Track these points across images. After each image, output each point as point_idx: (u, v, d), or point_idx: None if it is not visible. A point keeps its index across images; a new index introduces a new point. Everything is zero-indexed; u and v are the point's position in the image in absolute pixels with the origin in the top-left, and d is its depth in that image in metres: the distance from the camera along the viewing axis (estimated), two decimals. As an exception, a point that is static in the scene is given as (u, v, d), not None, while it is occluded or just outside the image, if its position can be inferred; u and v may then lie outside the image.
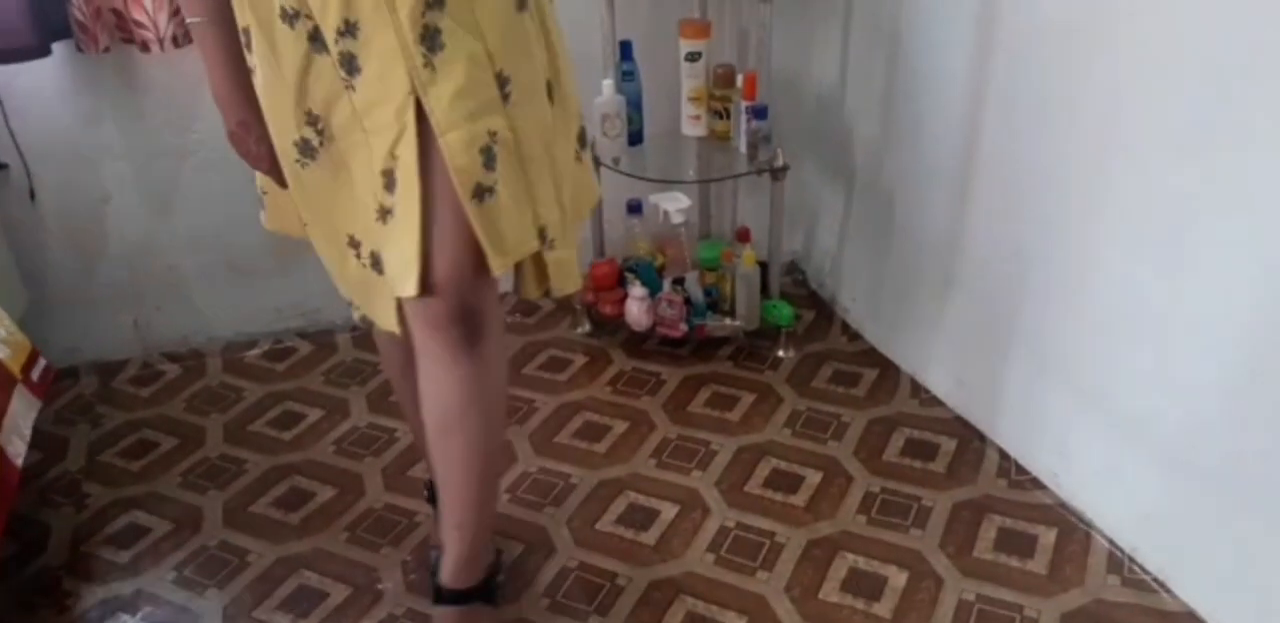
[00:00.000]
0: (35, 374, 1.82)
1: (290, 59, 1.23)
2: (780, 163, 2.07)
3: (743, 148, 2.12)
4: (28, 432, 1.73)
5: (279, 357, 2.35)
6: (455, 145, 1.21)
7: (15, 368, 1.75)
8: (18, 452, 1.67)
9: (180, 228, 2.26)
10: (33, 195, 2.16)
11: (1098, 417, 1.63)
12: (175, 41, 1.97)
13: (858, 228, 2.25)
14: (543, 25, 1.30)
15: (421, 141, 1.21)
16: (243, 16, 1.25)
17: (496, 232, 1.25)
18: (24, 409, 1.74)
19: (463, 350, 1.32)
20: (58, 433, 2.11)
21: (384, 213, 1.27)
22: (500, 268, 1.27)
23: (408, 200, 1.23)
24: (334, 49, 1.20)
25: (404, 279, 1.25)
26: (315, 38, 1.21)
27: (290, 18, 1.21)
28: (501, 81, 1.23)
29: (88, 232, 2.22)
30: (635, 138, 2.21)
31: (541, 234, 1.32)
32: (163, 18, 1.94)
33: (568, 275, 1.38)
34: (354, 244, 1.34)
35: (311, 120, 1.27)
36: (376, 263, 1.32)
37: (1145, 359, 1.52)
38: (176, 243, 2.28)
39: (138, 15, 1.95)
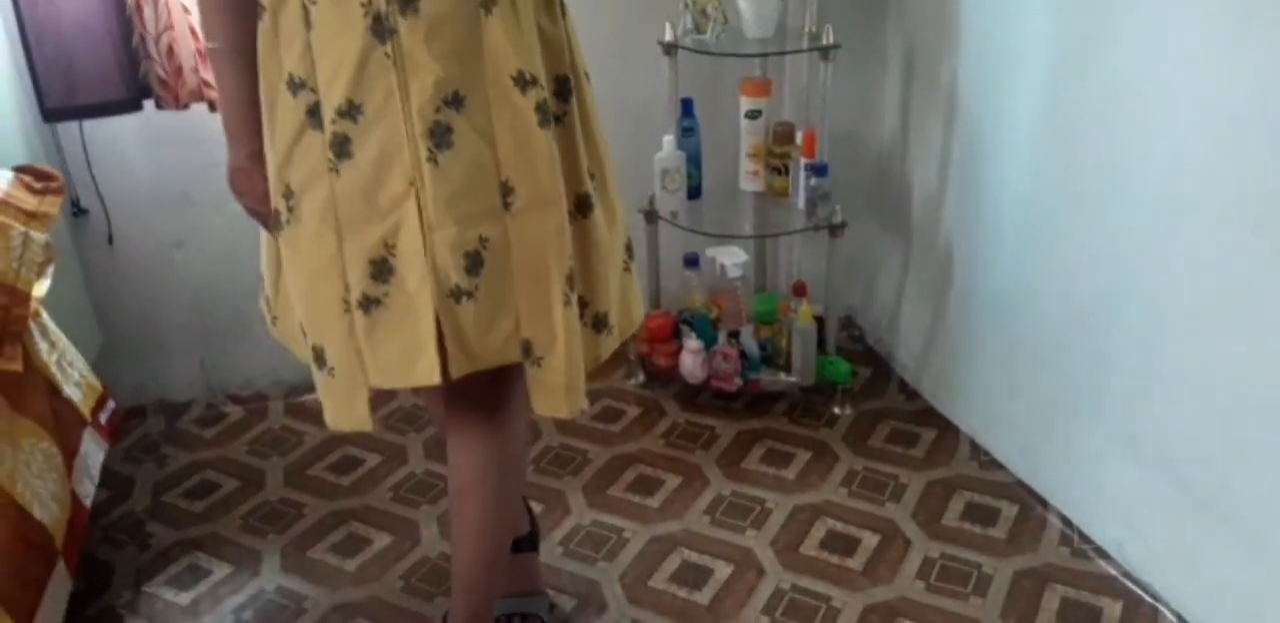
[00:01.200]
0: (104, 417, 1.87)
1: (283, 128, 1.21)
2: (839, 220, 2.07)
3: (801, 204, 2.13)
4: (96, 473, 1.78)
5: (339, 401, 2.39)
6: (440, 245, 1.18)
7: (86, 410, 1.81)
8: (87, 493, 1.72)
9: (248, 273, 2.30)
10: (110, 240, 2.23)
11: (1167, 487, 1.60)
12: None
13: (916, 285, 2.24)
14: (581, 139, 1.28)
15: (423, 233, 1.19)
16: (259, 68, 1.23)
17: (464, 336, 1.21)
18: (94, 451, 1.79)
19: (482, 418, 1.34)
20: (125, 472, 2.16)
21: (368, 303, 1.22)
22: (458, 372, 1.23)
23: (415, 289, 1.20)
24: (329, 128, 1.17)
25: (410, 367, 1.23)
26: (314, 112, 1.18)
27: (295, 86, 1.18)
28: (505, 190, 1.20)
29: (160, 275, 2.29)
30: (694, 192, 2.23)
31: (527, 349, 1.26)
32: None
33: (551, 397, 1.29)
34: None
35: (287, 194, 1.24)
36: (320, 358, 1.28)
37: (1216, 430, 1.49)
38: (244, 287, 2.33)
39: (206, 75, 2.02)
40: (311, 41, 1.15)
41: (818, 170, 2.06)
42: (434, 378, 1.21)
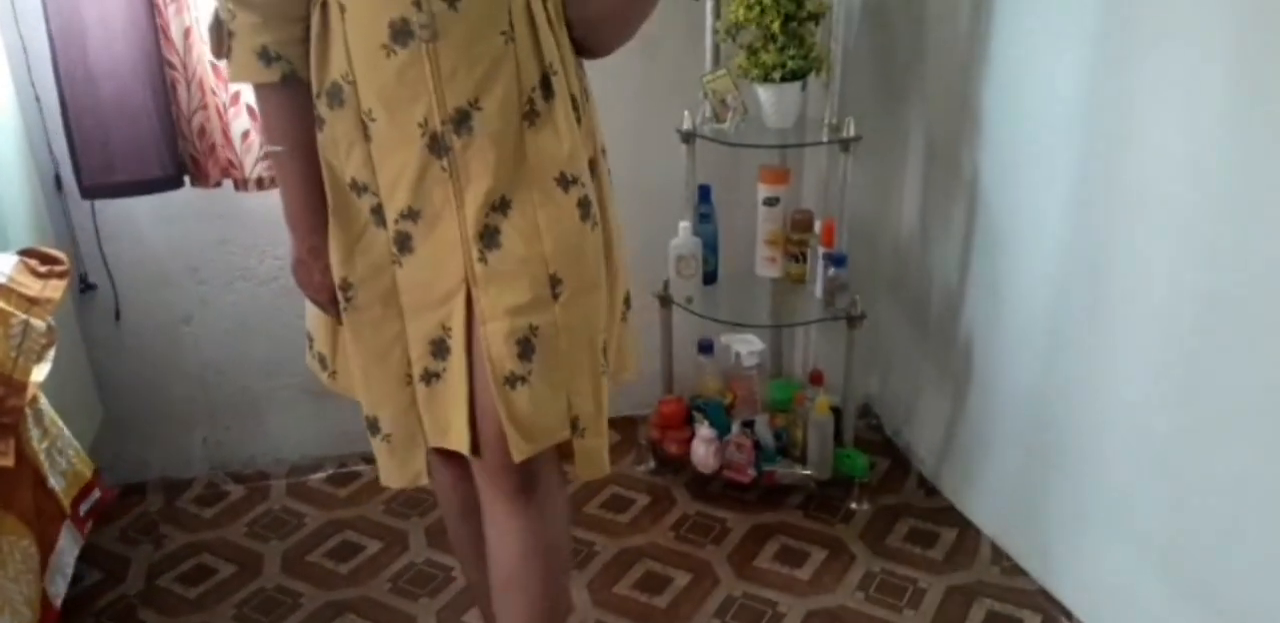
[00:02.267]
0: (85, 507, 1.81)
1: (348, 224, 1.28)
2: (858, 311, 2.03)
3: (819, 293, 2.09)
4: (70, 570, 1.71)
5: (343, 481, 2.34)
6: (494, 336, 1.26)
7: (67, 501, 1.75)
8: (58, 592, 1.66)
9: (256, 350, 2.29)
10: (118, 315, 2.21)
11: (1201, 609, 1.52)
12: (260, 184, 2.03)
13: (935, 378, 2.18)
14: (604, 224, 1.34)
15: (469, 322, 1.27)
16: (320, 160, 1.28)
17: (521, 418, 1.27)
18: (70, 546, 1.73)
19: (518, 501, 1.34)
20: (120, 553, 2.11)
21: (428, 376, 1.31)
22: (520, 454, 1.28)
23: (457, 370, 1.28)
24: (393, 227, 1.26)
25: (448, 435, 1.32)
26: (377, 211, 1.26)
27: (359, 189, 1.26)
28: (554, 282, 1.27)
29: (167, 351, 2.26)
30: (710, 277, 2.20)
31: (574, 423, 1.33)
32: (250, 160, 2.00)
33: (593, 463, 1.37)
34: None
35: (344, 285, 1.31)
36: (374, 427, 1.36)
37: (1253, 551, 1.42)
38: (251, 365, 2.31)
39: (229, 155, 2.01)
40: (371, 152, 1.23)
41: (836, 261, 2.02)
42: (464, 445, 1.30)
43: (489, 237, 1.23)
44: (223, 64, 1.29)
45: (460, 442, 1.30)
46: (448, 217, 1.23)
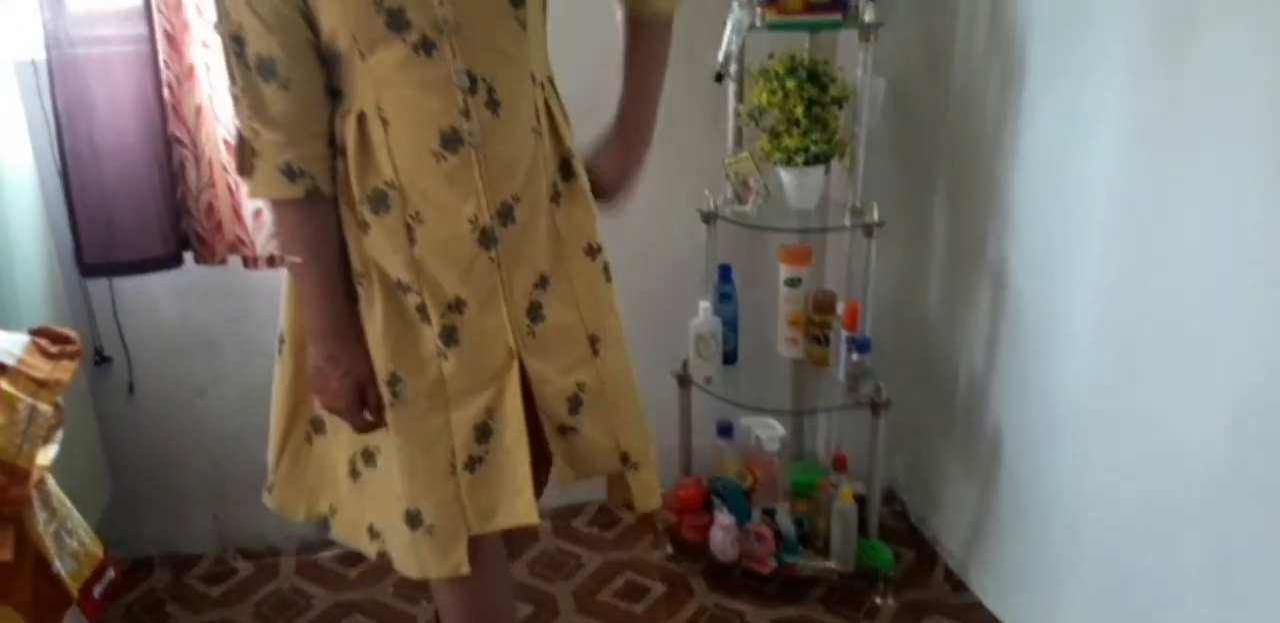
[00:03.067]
0: (99, 589, 1.77)
1: (389, 324, 1.31)
2: (883, 398, 1.97)
3: (841, 377, 2.04)
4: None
5: (352, 561, 2.28)
6: (548, 397, 1.39)
7: (76, 585, 1.71)
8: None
9: (268, 424, 2.25)
10: (131, 389, 2.19)
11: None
12: (271, 262, 2.02)
13: (962, 465, 2.11)
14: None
15: (525, 391, 1.36)
16: (356, 263, 1.31)
17: (574, 457, 1.44)
18: (73, 633, 1.69)
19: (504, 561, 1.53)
20: (123, 635, 2.06)
21: (473, 463, 1.36)
22: (565, 482, 1.46)
23: (512, 443, 1.36)
24: (438, 322, 1.31)
25: (511, 510, 1.37)
26: (421, 309, 1.31)
27: (402, 289, 1.30)
28: (593, 340, 1.42)
29: (180, 425, 2.24)
30: (730, 357, 2.15)
31: (625, 458, 1.47)
32: (261, 238, 1.99)
33: (649, 494, 1.51)
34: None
35: (392, 380, 1.33)
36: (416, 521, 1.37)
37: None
38: (263, 439, 2.22)
39: (239, 232, 2.00)
40: (415, 253, 1.28)
41: (860, 346, 1.97)
42: (533, 517, 1.37)
43: (534, 311, 1.35)
44: (245, 181, 1.29)
45: (527, 510, 1.36)
46: (494, 303, 1.32)
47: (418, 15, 1.19)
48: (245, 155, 1.24)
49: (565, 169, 1.36)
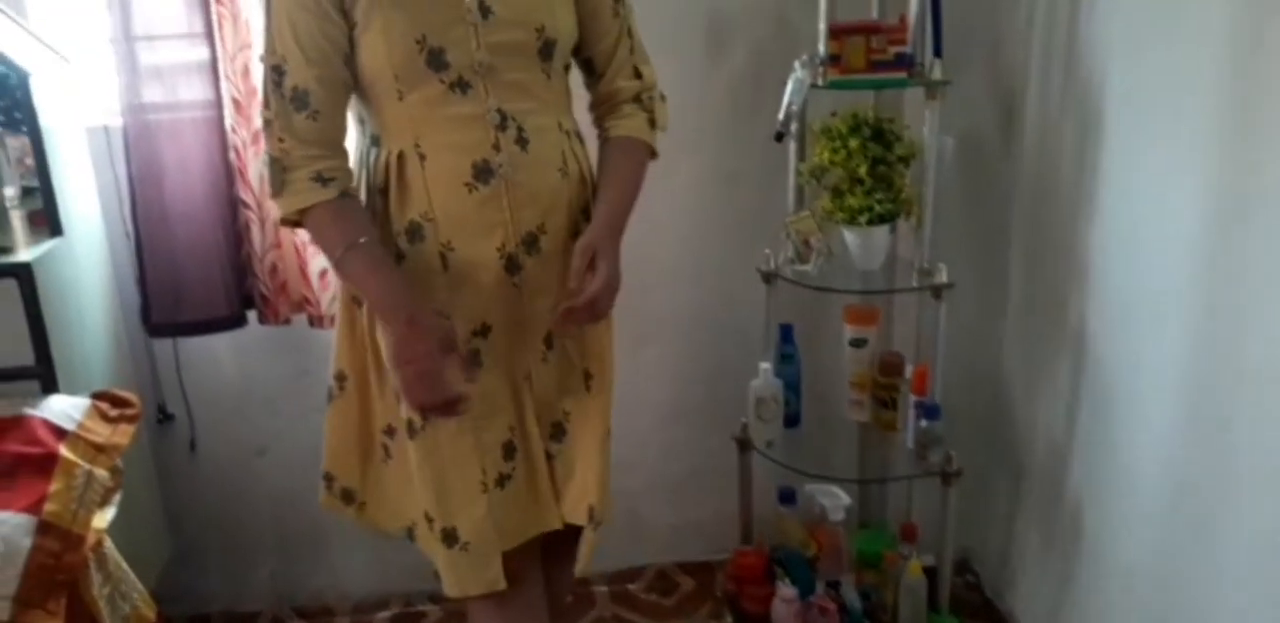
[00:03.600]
0: (150, 654, 1.77)
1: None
2: (954, 468, 1.88)
3: (910, 443, 1.95)
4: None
5: (408, 621, 2.25)
6: (543, 422, 1.49)
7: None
8: None
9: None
10: (193, 446, 2.20)
11: None
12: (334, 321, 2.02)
13: (1041, 536, 2.00)
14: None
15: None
16: None
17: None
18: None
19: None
20: (176, 694, 2.05)
21: (502, 480, 1.45)
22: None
23: (537, 457, 1.48)
24: (463, 347, 1.38)
25: (540, 519, 1.50)
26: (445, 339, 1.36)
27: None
28: (587, 376, 1.52)
29: (239, 483, 2.24)
30: (792, 420, 2.08)
31: (590, 514, 1.50)
32: (326, 297, 2.00)
33: (588, 558, 1.52)
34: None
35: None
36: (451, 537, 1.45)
37: None
38: (321, 497, 2.26)
39: (305, 292, 2.01)
40: (449, 281, 1.36)
41: (929, 412, 1.89)
42: (559, 523, 1.50)
43: (549, 339, 1.44)
44: (278, 201, 1.35)
45: (556, 517, 1.50)
46: (516, 328, 1.41)
47: (456, 56, 1.30)
48: (276, 173, 1.31)
49: (588, 213, 1.45)
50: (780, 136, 1.86)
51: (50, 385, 1.74)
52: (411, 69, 1.29)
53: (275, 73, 1.29)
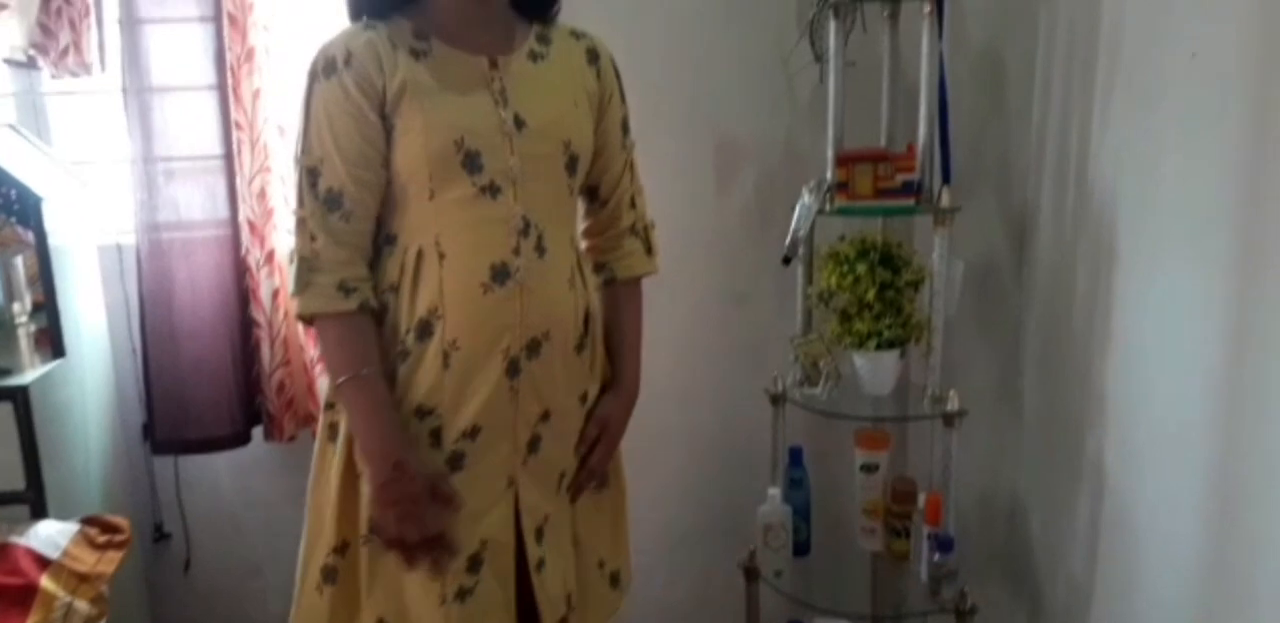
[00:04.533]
0: None
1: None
2: (967, 605, 1.80)
3: (924, 576, 1.87)
4: None
5: None
6: (528, 528, 1.44)
7: None
8: None
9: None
10: (188, 566, 2.15)
11: None
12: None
13: (1065, 677, 1.89)
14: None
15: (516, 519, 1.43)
16: None
17: (545, 593, 1.48)
18: None
19: None
20: None
21: (463, 593, 1.39)
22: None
23: (503, 573, 1.42)
24: (449, 447, 1.37)
25: None
26: (434, 434, 1.36)
27: (423, 413, 1.36)
28: (561, 476, 1.49)
29: (233, 604, 2.18)
30: (801, 547, 2.00)
31: (614, 579, 1.56)
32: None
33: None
34: None
35: None
36: None
37: None
38: None
39: (312, 409, 1.99)
40: (446, 380, 1.35)
41: (942, 545, 1.81)
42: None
43: (534, 444, 1.43)
44: (298, 300, 1.34)
45: (556, 608, 1.47)
46: (504, 433, 1.39)
47: (491, 161, 1.33)
48: (302, 273, 1.32)
49: (588, 324, 1.47)
50: (788, 260, 1.85)
51: (40, 510, 1.71)
52: (447, 169, 1.31)
53: (310, 174, 1.31)
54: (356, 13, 1.38)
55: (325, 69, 1.30)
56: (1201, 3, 1.47)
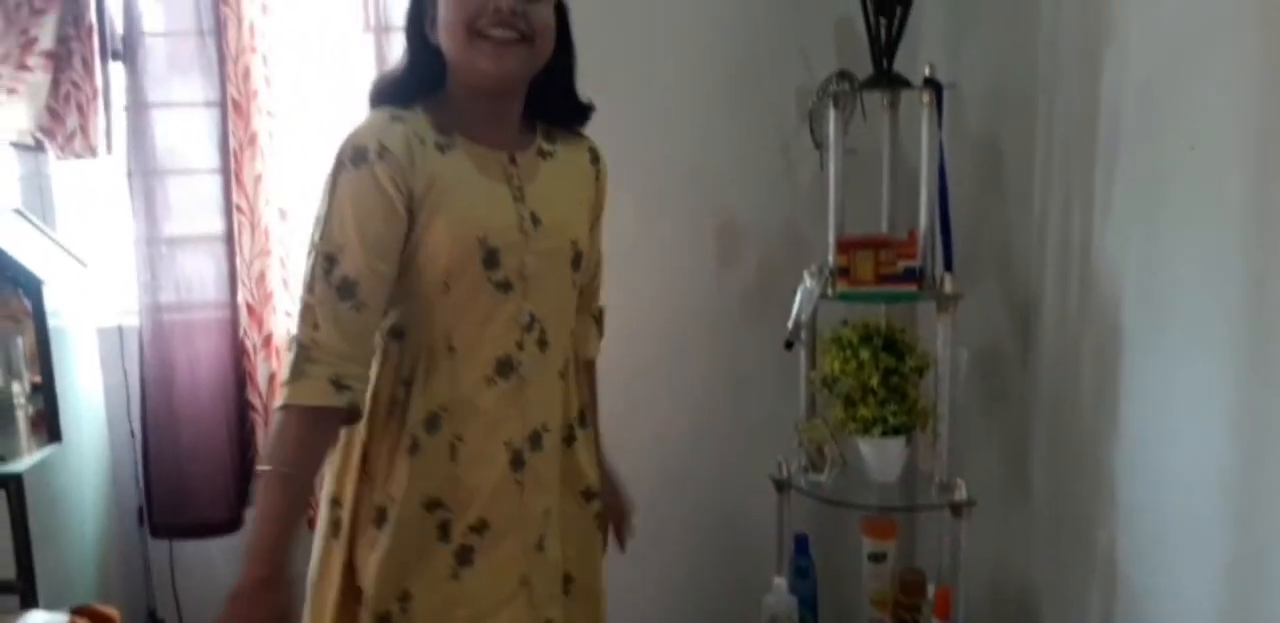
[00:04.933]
0: None
1: (407, 541, 1.33)
2: (982, 703, 1.74)
3: (935, 671, 1.82)
4: None
5: None
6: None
7: None
8: None
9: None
10: (177, 657, 2.10)
11: None
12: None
13: None
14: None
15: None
16: (383, 496, 1.34)
17: None
18: None
19: None
20: None
21: None
22: None
23: None
24: (457, 541, 1.35)
25: None
26: (442, 527, 1.34)
27: (431, 506, 1.34)
28: (566, 579, 1.46)
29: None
30: (809, 639, 1.96)
31: None
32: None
33: None
34: None
35: (403, 597, 1.33)
36: None
37: None
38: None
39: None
40: (455, 471, 1.34)
41: (953, 642, 1.77)
42: None
43: (540, 542, 1.40)
44: (287, 387, 1.28)
45: None
46: (513, 527, 1.37)
47: (508, 258, 1.33)
48: (299, 361, 1.26)
49: (581, 416, 1.47)
50: (790, 345, 1.84)
51: (30, 600, 1.68)
52: (467, 265, 1.31)
53: (326, 261, 1.27)
54: (379, 100, 1.37)
55: (354, 158, 1.28)
56: (1199, 96, 1.48)
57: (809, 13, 1.93)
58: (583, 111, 1.44)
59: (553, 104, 1.41)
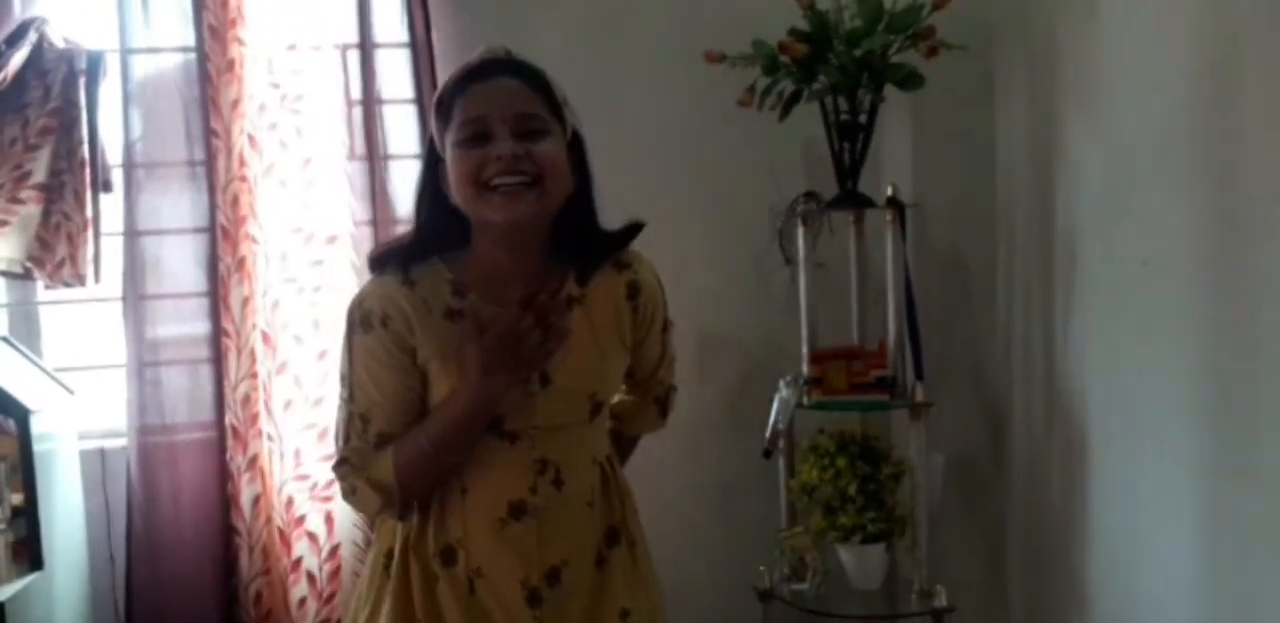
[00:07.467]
0: None
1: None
2: None
3: None
4: None
5: None
6: None
7: None
8: None
9: None
10: None
11: None
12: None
13: None
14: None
15: None
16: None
17: None
18: None
19: None
20: None
21: None
22: None
23: None
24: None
25: None
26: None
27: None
28: None
29: None
30: None
31: None
32: (307, 626, 1.95)
33: None
34: None
35: None
36: None
37: None
38: None
39: (286, 621, 1.96)
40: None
41: (943, 750, 1.76)
42: None
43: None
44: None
45: None
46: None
47: (512, 421, 1.33)
48: (346, 493, 1.37)
49: (611, 537, 1.41)
50: (768, 453, 1.87)
51: (4, 738, 1.64)
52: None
53: (361, 421, 1.34)
54: (382, 264, 1.36)
55: (363, 323, 1.32)
56: (1150, 211, 1.56)
57: (778, 136, 2.02)
58: (611, 242, 1.39)
59: (578, 240, 1.37)
